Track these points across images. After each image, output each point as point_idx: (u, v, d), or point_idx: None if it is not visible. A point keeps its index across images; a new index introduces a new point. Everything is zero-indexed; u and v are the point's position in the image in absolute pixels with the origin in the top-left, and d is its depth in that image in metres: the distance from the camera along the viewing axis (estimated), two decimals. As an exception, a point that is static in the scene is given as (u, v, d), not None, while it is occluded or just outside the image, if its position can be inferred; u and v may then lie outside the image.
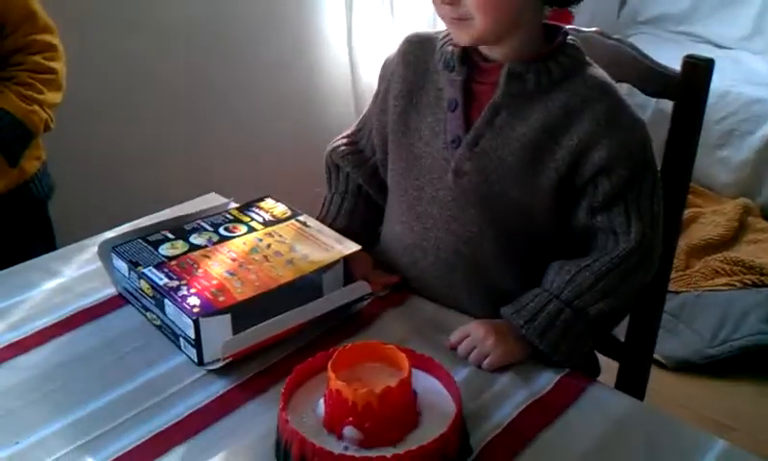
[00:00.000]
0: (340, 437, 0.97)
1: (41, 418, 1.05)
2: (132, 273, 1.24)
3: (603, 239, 1.23)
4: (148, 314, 1.24)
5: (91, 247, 1.36)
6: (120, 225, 1.44)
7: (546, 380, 1.14)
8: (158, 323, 1.21)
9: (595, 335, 1.23)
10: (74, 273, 1.36)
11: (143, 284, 1.22)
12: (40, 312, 1.26)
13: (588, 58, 1.25)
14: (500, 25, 1.18)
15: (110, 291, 1.31)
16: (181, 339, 1.17)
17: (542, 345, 1.17)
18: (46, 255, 1.40)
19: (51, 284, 1.33)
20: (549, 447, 1.03)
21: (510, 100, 1.22)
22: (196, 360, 1.15)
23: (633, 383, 1.42)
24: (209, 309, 1.14)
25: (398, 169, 1.33)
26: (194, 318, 1.12)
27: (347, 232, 1.33)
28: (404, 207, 1.33)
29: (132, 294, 1.27)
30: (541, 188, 1.22)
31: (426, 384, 1.06)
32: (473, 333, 1.19)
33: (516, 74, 1.20)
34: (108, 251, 1.29)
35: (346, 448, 0.96)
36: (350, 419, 0.96)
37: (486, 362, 1.16)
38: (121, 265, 1.26)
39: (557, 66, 1.21)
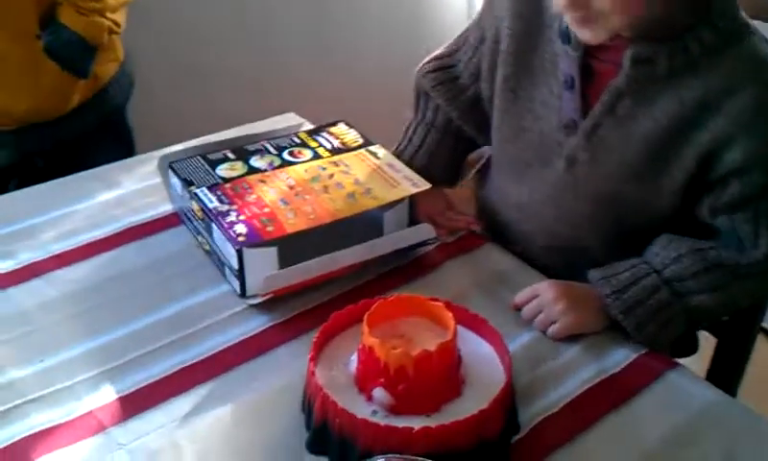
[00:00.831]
0: (369, 398, 0.88)
1: (70, 337, 1.01)
2: (184, 192, 1.17)
3: (726, 237, 1.06)
4: (199, 238, 1.17)
5: (155, 160, 1.30)
6: (195, 137, 1.37)
7: (620, 358, 1.00)
8: (208, 248, 1.15)
9: (688, 327, 1.07)
10: (134, 185, 1.31)
11: (194, 205, 1.15)
12: (91, 225, 1.21)
13: (753, 25, 1.02)
14: (642, 20, 0.98)
15: (167, 208, 1.25)
16: (227, 268, 1.09)
17: (626, 322, 1.02)
18: (108, 166, 1.36)
19: (108, 196, 1.28)
20: (609, 434, 0.90)
21: (635, 86, 1.03)
22: (239, 291, 1.08)
23: (731, 365, 1.25)
24: (255, 239, 1.05)
25: (504, 134, 1.19)
26: (238, 247, 1.04)
27: (424, 171, 1.21)
28: (508, 171, 1.20)
29: (185, 214, 1.20)
30: (664, 189, 1.06)
31: (476, 348, 0.95)
32: (543, 295, 1.06)
33: (644, 59, 1.01)
34: (165, 166, 1.22)
35: (374, 413, 0.86)
36: (381, 380, 0.86)
37: (552, 329, 1.03)
38: (176, 183, 1.20)
39: (697, 44, 0.99)
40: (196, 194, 1.14)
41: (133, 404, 0.92)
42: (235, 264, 1.06)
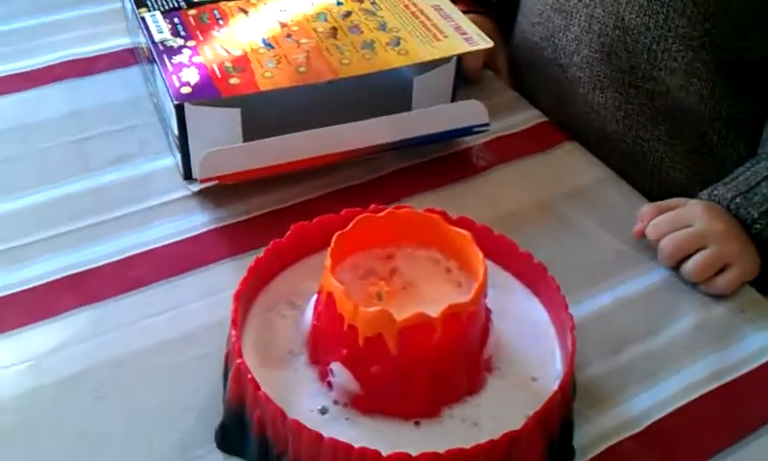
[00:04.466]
0: (324, 378, 0.52)
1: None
2: (134, 16, 0.80)
3: None
4: (149, 86, 0.81)
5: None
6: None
7: (755, 346, 0.61)
8: (156, 100, 0.79)
9: None
10: (79, 10, 0.94)
11: (141, 38, 0.78)
12: (15, 52, 0.87)
13: None
14: None
15: (122, 42, 0.89)
16: (170, 133, 0.74)
17: None
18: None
19: (44, 19, 0.92)
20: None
21: None
22: (181, 170, 0.72)
23: None
24: (206, 93, 0.69)
25: None
26: (178, 102, 0.68)
27: None
28: None
29: (137, 50, 0.85)
30: None
31: (522, 313, 0.57)
32: (693, 216, 0.66)
33: None
34: (121, -22, 0.86)
35: (323, 410, 0.51)
36: (344, 352, 0.50)
37: (724, 280, 0.64)
38: (129, 1, 0.83)
39: None
40: (143, 20, 0.77)
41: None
42: (176, 128, 0.70)
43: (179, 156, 0.72)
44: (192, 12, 0.79)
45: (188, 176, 0.72)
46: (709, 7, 0.72)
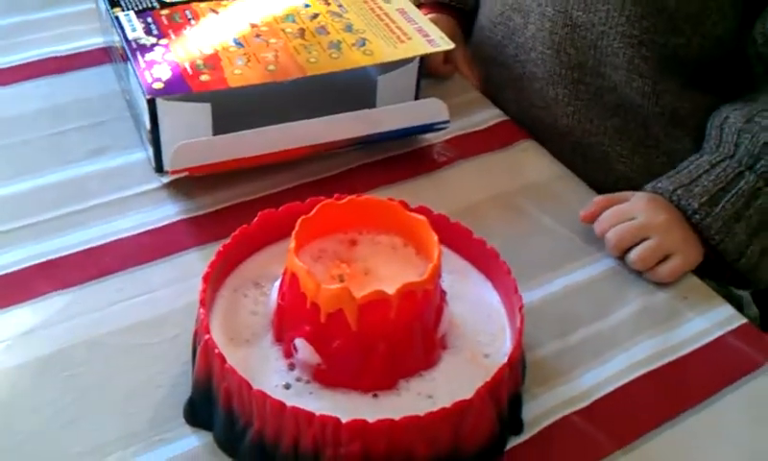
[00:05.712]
0: (289, 354, 0.55)
1: None
2: (108, 15, 0.83)
3: None
4: (122, 84, 0.84)
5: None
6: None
7: (695, 330, 0.65)
8: (129, 97, 0.82)
9: None
10: (58, 9, 0.97)
11: (115, 36, 0.81)
12: (5, 47, 0.90)
13: None
14: None
15: (96, 41, 0.92)
16: (142, 128, 0.77)
17: (725, 245, 0.69)
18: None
19: (22, 18, 0.95)
20: (665, 457, 0.57)
21: None
22: (153, 163, 0.75)
23: None
24: (177, 89, 0.72)
25: None
26: (150, 97, 0.71)
27: None
28: None
29: (108, 48, 0.87)
30: None
31: (475, 295, 0.61)
32: (637, 209, 0.71)
33: None
34: (96, -21, 0.89)
35: (286, 386, 0.54)
36: (307, 329, 0.53)
37: (667, 269, 0.68)
38: (103, 1, 0.86)
39: None
40: (117, 19, 0.80)
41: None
42: (148, 122, 0.72)
43: (150, 149, 0.74)
44: (165, 11, 0.82)
45: (160, 169, 0.74)
46: (646, 5, 0.77)
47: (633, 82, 0.80)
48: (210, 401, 0.53)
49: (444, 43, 0.80)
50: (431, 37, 0.81)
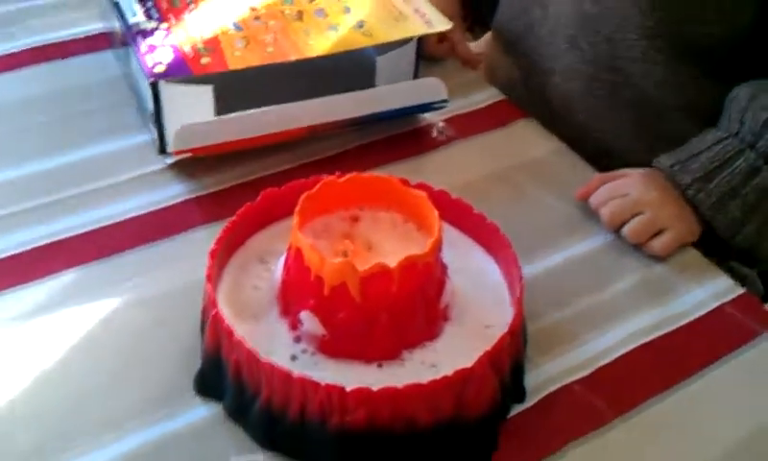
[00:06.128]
0: (294, 327, 0.56)
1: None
2: (108, 1, 0.84)
3: None
4: (123, 67, 0.85)
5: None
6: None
7: (695, 301, 0.66)
8: (131, 81, 0.83)
9: None
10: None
11: (115, 22, 0.82)
12: (7, 34, 0.90)
13: None
14: None
15: (96, 26, 0.93)
16: (145, 111, 0.78)
17: (717, 221, 0.70)
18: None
19: (22, 4, 0.95)
20: (664, 423, 0.58)
21: None
22: (157, 145, 0.76)
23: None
24: (179, 72, 0.73)
25: None
26: (152, 80, 0.72)
27: None
28: None
29: (112, 34, 0.88)
30: None
31: (476, 268, 0.62)
32: (631, 185, 0.72)
33: None
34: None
35: (293, 358, 0.55)
36: (311, 302, 0.54)
37: (659, 243, 0.69)
38: (103, -12, 0.87)
39: None
40: (117, 4, 0.81)
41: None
42: (151, 105, 0.73)
43: (154, 131, 0.75)
44: (166, -4, 0.82)
45: (163, 150, 0.75)
46: None
47: (649, 74, 0.80)
48: (220, 373, 0.54)
49: (441, 24, 0.81)
50: (428, 18, 0.82)
